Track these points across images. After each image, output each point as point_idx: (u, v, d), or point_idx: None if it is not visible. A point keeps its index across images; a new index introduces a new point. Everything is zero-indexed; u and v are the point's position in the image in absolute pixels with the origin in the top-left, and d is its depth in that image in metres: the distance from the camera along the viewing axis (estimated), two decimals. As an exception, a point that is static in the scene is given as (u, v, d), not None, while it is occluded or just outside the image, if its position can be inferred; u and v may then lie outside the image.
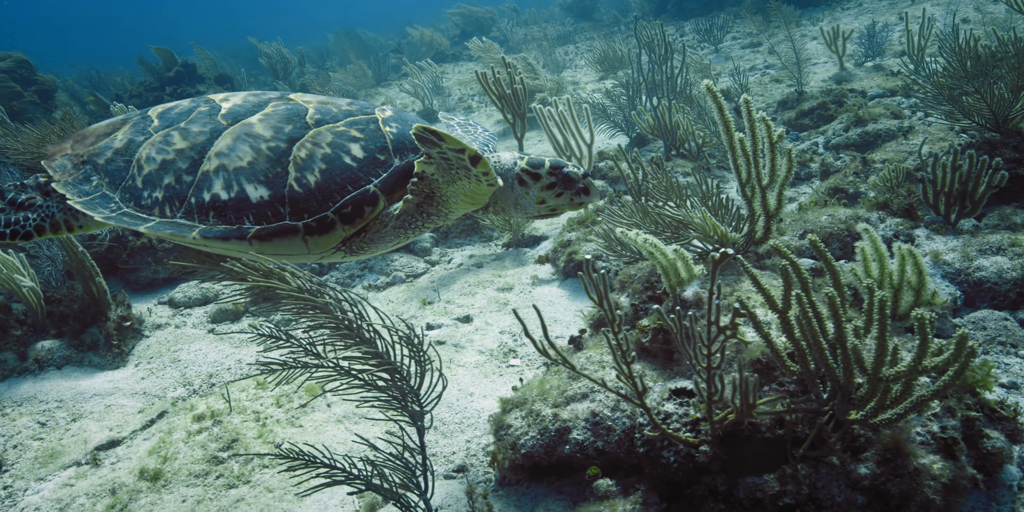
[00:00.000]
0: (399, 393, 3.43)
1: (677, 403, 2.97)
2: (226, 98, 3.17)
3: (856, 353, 2.49)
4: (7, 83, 14.81)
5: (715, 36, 15.98)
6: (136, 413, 5.11)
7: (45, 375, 5.70)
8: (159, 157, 2.95)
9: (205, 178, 2.87)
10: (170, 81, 17.15)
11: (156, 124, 3.08)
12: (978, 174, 5.06)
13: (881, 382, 2.46)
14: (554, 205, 3.16)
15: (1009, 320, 4.27)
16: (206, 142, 2.94)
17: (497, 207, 3.31)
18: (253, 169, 2.86)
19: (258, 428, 4.46)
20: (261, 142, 2.91)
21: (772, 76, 12.98)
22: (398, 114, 3.19)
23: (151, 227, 2.86)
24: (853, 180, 6.74)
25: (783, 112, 10.86)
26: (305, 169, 2.85)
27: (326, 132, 2.96)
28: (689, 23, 18.68)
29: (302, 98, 3.17)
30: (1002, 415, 3.16)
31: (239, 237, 2.83)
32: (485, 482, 3.82)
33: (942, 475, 2.62)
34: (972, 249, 4.66)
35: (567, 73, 16.96)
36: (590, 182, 3.13)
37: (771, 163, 3.72)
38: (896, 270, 3.42)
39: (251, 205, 2.84)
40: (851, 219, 5.19)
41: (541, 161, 3.13)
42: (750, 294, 3.58)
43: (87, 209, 2.92)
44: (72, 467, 4.49)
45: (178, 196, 2.89)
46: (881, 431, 2.72)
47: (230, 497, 3.91)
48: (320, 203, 2.85)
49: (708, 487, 2.80)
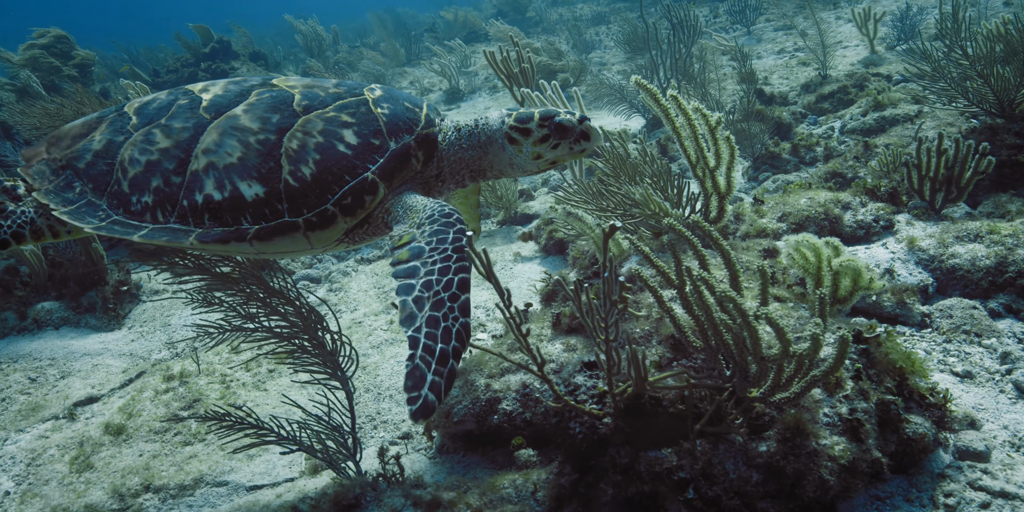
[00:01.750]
0: (323, 359, 3.51)
1: (587, 375, 2.99)
2: (205, 88, 3.00)
3: (733, 331, 2.47)
4: (46, 58, 15.27)
5: (748, 18, 15.61)
6: (120, 373, 5.31)
7: (42, 334, 5.96)
8: (143, 158, 2.79)
9: (195, 178, 2.72)
10: (205, 57, 17.49)
11: (135, 121, 2.91)
12: (963, 159, 4.90)
13: (764, 362, 2.44)
14: (553, 158, 2.98)
15: (977, 309, 4.16)
16: (191, 139, 2.78)
17: (494, 171, 3.17)
18: (244, 165, 2.72)
19: (222, 390, 4.61)
20: (249, 135, 2.76)
21: (800, 59, 12.65)
22: (388, 92, 3.06)
23: (144, 235, 2.72)
24: (853, 164, 6.58)
25: (805, 95, 10.59)
26: (299, 161, 2.71)
27: (316, 119, 2.81)
28: (724, 4, 18.25)
29: (286, 83, 3.01)
30: (931, 402, 3.10)
31: (238, 238, 2.71)
32: (425, 449, 3.89)
33: (842, 456, 2.60)
34: (949, 236, 4.53)
35: (595, 54, 16.79)
36: (589, 126, 2.94)
37: (715, 146, 3.69)
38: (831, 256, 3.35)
39: (247, 204, 2.70)
40: (830, 203, 5.08)
41: (529, 114, 2.96)
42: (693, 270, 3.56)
43: (74, 220, 2.77)
44: (50, 420, 4.71)
45: (169, 199, 2.74)
46: (786, 410, 2.70)
47: (184, 453, 4.06)
48: (318, 196, 2.72)
49: (611, 459, 2.82)
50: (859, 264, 3.19)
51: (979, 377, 3.73)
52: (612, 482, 2.77)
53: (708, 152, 3.80)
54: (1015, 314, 4.18)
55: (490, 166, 3.13)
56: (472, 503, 2.74)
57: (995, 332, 4.02)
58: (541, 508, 2.94)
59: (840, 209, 5.07)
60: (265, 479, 3.86)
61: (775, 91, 10.96)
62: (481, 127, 3.07)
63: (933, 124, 6.76)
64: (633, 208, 3.93)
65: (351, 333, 5.37)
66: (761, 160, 7.63)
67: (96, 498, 3.76)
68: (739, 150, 8.27)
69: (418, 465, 3.68)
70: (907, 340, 4.11)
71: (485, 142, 3.06)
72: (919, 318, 4.25)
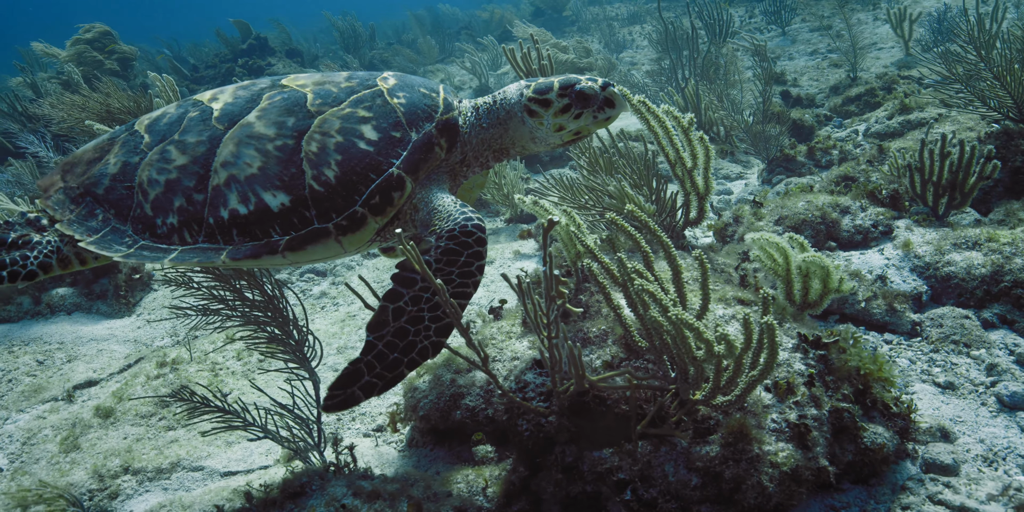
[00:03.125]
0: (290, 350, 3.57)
1: (536, 373, 2.98)
2: (214, 97, 2.92)
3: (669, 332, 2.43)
4: (90, 53, 15.77)
5: (783, 18, 15.32)
6: (122, 358, 5.47)
7: (55, 319, 6.16)
8: (162, 178, 2.71)
9: (218, 193, 2.64)
10: (243, 53, 17.85)
11: (148, 140, 2.84)
12: (968, 163, 4.75)
13: (696, 363, 2.41)
14: (576, 128, 2.84)
15: (969, 319, 4.04)
16: (207, 153, 2.70)
17: (517, 148, 3.06)
18: (266, 174, 2.63)
19: (210, 377, 4.71)
20: (266, 142, 2.67)
21: (832, 60, 12.38)
22: (402, 80, 2.95)
23: (175, 258, 2.64)
24: (865, 168, 6.41)
25: (832, 97, 10.38)
26: (321, 164, 2.62)
27: (332, 118, 2.72)
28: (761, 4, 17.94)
29: (296, 82, 2.91)
30: (895, 412, 3.02)
31: (270, 251, 2.63)
32: (396, 442, 3.93)
33: (784, 463, 2.55)
34: (947, 243, 4.40)
35: (627, 53, 16.67)
36: (613, 92, 2.79)
37: (690, 147, 3.64)
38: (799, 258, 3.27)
39: (274, 214, 2.62)
40: (829, 206, 4.98)
41: (549, 84, 2.82)
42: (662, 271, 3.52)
43: (102, 249, 2.70)
44: (50, 402, 4.87)
45: (194, 218, 2.66)
46: (732, 414, 2.66)
47: (166, 438, 4.16)
48: (345, 198, 2.63)
49: (557, 457, 2.81)
50: (827, 262, 3.11)
51: (962, 389, 3.62)
52: (554, 480, 2.76)
53: (684, 153, 3.74)
54: (1009, 325, 4.05)
55: (512, 143, 3.04)
56: (415, 496, 2.76)
57: (985, 343, 3.89)
58: (490, 504, 2.94)
59: (838, 213, 4.96)
60: (240, 466, 3.94)
61: (802, 93, 10.76)
62: (500, 103, 2.97)
63: (952, 128, 6.55)
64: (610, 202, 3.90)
65: (343, 326, 5.44)
66: (776, 163, 7.50)
67: (77, 478, 3.88)
68: (754, 152, 8.16)
69: (386, 457, 3.72)
70: (893, 348, 4.01)
71: (505, 118, 2.96)
72: (909, 326, 4.14)
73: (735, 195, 7.39)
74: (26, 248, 2.89)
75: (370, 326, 2.56)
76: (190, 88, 16.90)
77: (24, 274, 2.83)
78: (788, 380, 2.76)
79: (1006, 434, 3.28)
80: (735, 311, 3.09)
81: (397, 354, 2.50)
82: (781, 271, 3.25)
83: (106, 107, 8.30)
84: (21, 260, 2.84)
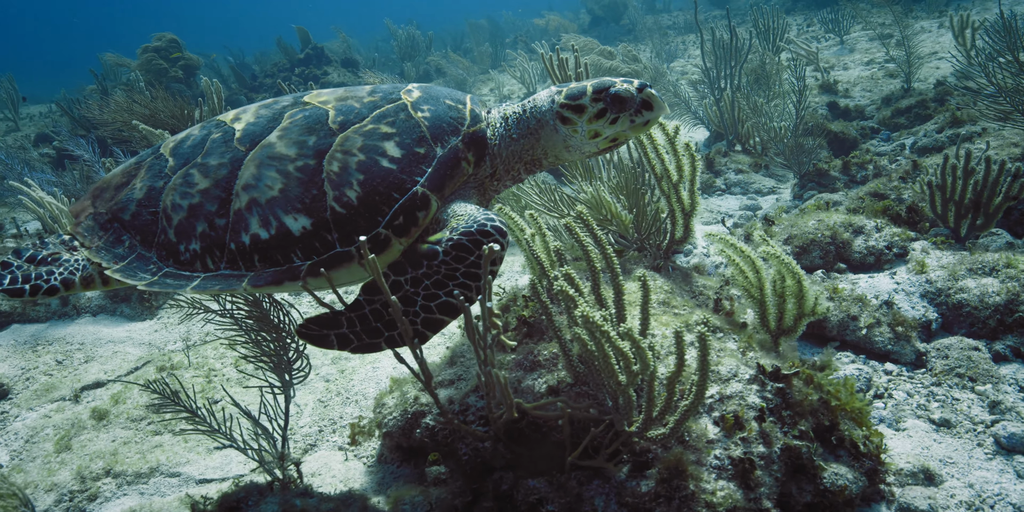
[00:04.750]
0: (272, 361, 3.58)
1: (479, 396, 2.90)
2: (237, 117, 2.88)
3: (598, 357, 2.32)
4: (156, 61, 16.46)
5: (842, 27, 14.79)
6: (134, 361, 5.62)
7: (80, 320, 6.39)
8: (185, 203, 2.68)
9: (239, 218, 2.59)
10: (300, 63, 18.32)
11: (172, 164, 2.82)
12: (995, 182, 4.44)
13: (621, 389, 2.29)
14: (613, 134, 2.71)
15: (979, 351, 3.76)
16: (229, 175, 2.65)
17: (550, 158, 2.94)
18: (286, 197, 2.56)
19: (204, 383, 4.79)
20: (287, 163, 2.61)
21: (888, 71, 11.87)
22: (427, 92, 2.86)
23: (197, 287, 2.59)
24: (897, 185, 6.09)
25: (883, 109, 9.93)
26: (343, 185, 2.55)
27: (354, 135, 2.64)
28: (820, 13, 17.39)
29: (318, 99, 2.85)
30: (863, 451, 2.81)
31: (291, 277, 2.55)
32: (367, 457, 3.90)
33: (721, 504, 2.39)
34: (962, 268, 4.12)
35: (678, 63, 16.38)
36: (650, 94, 2.65)
37: (676, 159, 3.48)
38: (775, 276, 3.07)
39: (295, 239, 2.55)
40: (841, 226, 4.73)
41: (582, 88, 2.69)
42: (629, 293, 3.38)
43: (127, 277, 2.68)
44: (58, 401, 5.04)
45: (216, 244, 2.62)
46: (673, 448, 2.52)
47: (151, 442, 4.24)
48: (368, 220, 2.54)
49: (493, 484, 2.72)
50: (796, 269, 2.89)
51: (959, 427, 3.36)
52: (484, 509, 2.67)
53: (671, 165, 3.59)
54: (1023, 359, 3.74)
55: (544, 153, 2.90)
56: (347, 517, 2.71)
57: (993, 377, 3.61)
58: (428, 529, 2.87)
59: (851, 233, 4.71)
60: (216, 473, 3.97)
61: (851, 104, 10.33)
62: (530, 111, 2.84)
63: (996, 143, 6.16)
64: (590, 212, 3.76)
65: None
66: (808, 177, 7.20)
67: (62, 478, 3.99)
68: (787, 166, 7.85)
69: (351, 473, 3.69)
70: (892, 380, 3.77)
71: (536, 127, 2.84)
72: (913, 356, 3.89)
73: (763, 211, 7.13)
74: (53, 265, 2.95)
75: (365, 287, 2.50)
76: (248, 96, 17.45)
77: (45, 289, 2.86)
78: (737, 413, 2.60)
79: (999, 479, 3.02)
80: (693, 338, 2.94)
81: (380, 324, 2.41)
82: (755, 291, 3.08)
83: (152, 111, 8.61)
84: (46, 275, 2.88)
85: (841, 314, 4.03)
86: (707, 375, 2.26)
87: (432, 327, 2.47)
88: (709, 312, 3.27)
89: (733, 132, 8.83)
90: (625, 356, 2.23)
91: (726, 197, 7.86)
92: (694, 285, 3.55)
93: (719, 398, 2.69)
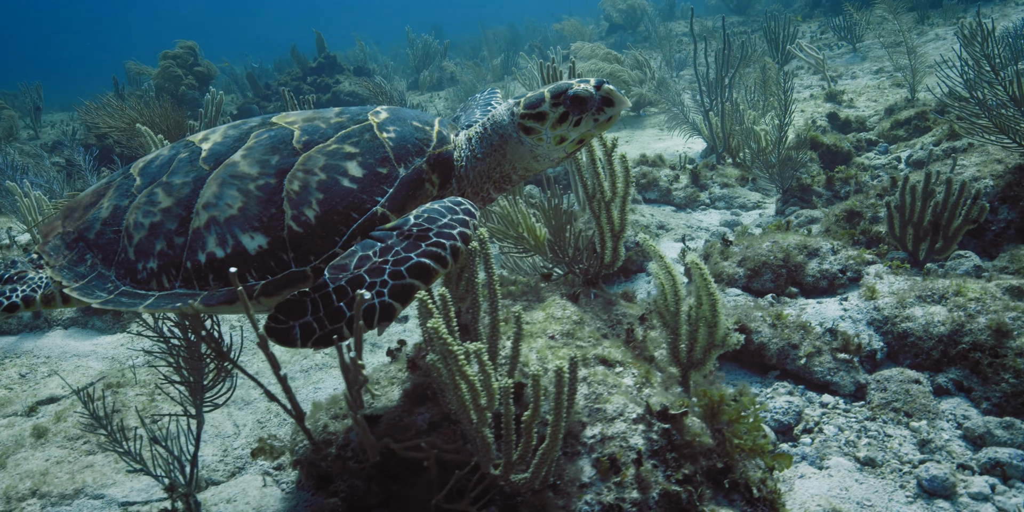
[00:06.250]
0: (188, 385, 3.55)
1: (356, 433, 2.81)
2: (205, 137, 2.87)
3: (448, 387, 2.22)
4: (173, 68, 16.73)
5: (854, 34, 14.47)
6: (93, 376, 5.64)
7: (50, 333, 6.45)
8: (147, 221, 2.66)
9: (197, 236, 2.55)
10: (312, 71, 18.47)
11: (139, 183, 2.81)
12: (955, 204, 4.24)
13: (477, 430, 2.19)
14: (579, 136, 2.67)
15: (920, 384, 3.58)
16: (191, 194, 2.63)
17: (519, 172, 2.88)
18: (245, 216, 2.53)
19: (146, 402, 4.77)
20: (249, 182, 2.58)
21: (896, 80, 11.58)
22: (394, 113, 2.86)
23: (150, 305, 2.56)
24: (874, 203, 5.88)
25: (885, 120, 9.65)
26: (301, 204, 2.52)
27: (317, 155, 2.62)
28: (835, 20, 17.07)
29: (285, 119, 2.84)
30: (758, 496, 2.67)
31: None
32: (288, 483, 3.84)
33: (584, 553, 2.28)
34: (912, 294, 3.93)
35: (687, 71, 16.17)
36: (608, 90, 2.61)
37: (611, 173, 3.30)
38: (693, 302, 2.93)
39: (251, 258, 2.50)
40: (795, 248, 4.57)
41: (539, 95, 2.65)
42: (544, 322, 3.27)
43: (83, 296, 2.67)
44: (10, 416, 5.07)
45: (173, 263, 2.58)
46: (544, 493, 2.41)
47: (83, 462, 4.23)
48: (325, 240, 2.52)
49: (368, 523, 2.64)
50: (713, 290, 2.73)
51: (885, 466, 3.20)
52: (352, 549, 2.59)
53: (605, 181, 3.39)
54: (966, 393, 3.56)
55: (513, 168, 2.86)
56: (218, 554, 2.64)
57: (930, 413, 3.44)
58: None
59: (805, 256, 4.54)
60: (140, 496, 3.94)
61: (852, 115, 10.07)
62: (491, 129, 2.81)
63: (979, 159, 5.91)
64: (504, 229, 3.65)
65: (297, 352, 5.42)
66: (791, 193, 7.01)
67: (-11, 498, 4.00)
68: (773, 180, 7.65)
69: (265, 500, 3.64)
70: (826, 413, 3.60)
71: (499, 143, 2.79)
72: (853, 388, 3.73)
73: (740, 227, 6.94)
74: (19, 283, 3.01)
75: (333, 266, 2.39)
76: (260, 105, 17.63)
77: (5, 306, 2.92)
78: (613, 456, 2.48)
79: (915, 526, 2.86)
80: (586, 373, 2.82)
81: (343, 303, 2.28)
82: (669, 318, 2.93)
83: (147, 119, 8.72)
84: (8, 293, 2.94)
85: (782, 342, 3.87)
86: (561, 415, 2.16)
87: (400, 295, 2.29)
88: (619, 343, 3.15)
89: (723, 144, 8.65)
90: (473, 389, 2.14)
91: (710, 212, 7.69)
92: (613, 313, 3.43)
93: (600, 439, 2.57)
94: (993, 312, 3.58)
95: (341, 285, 2.31)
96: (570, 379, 2.21)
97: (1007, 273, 4.36)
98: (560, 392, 2.13)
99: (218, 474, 4.14)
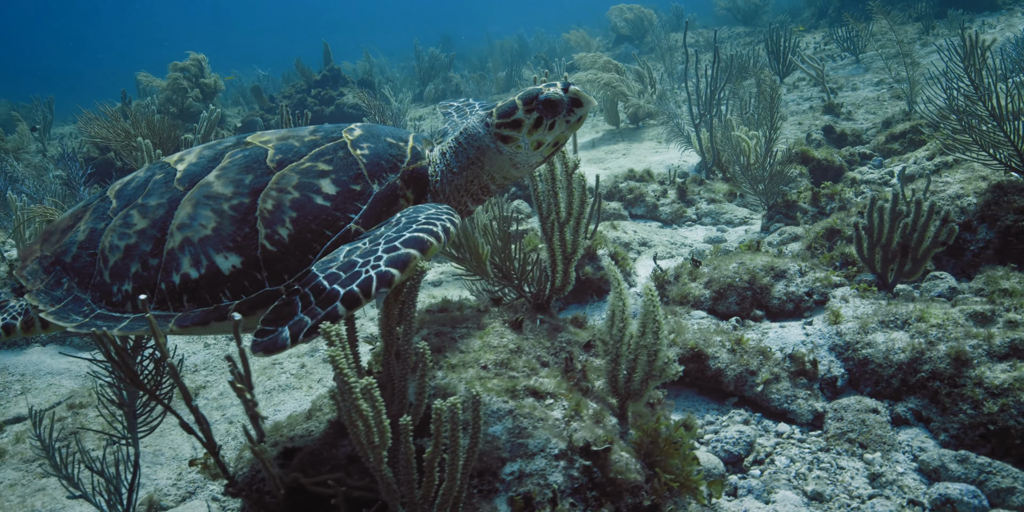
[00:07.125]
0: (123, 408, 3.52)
1: (280, 462, 2.75)
2: (181, 158, 2.88)
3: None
4: (180, 81, 16.88)
5: (857, 45, 14.32)
6: (63, 395, 5.63)
7: (29, 350, 6.45)
8: (122, 243, 2.66)
9: (171, 257, 2.55)
10: (316, 84, 18.57)
11: (115, 205, 2.82)
12: (924, 225, 4.13)
13: (374, 467, 2.12)
14: (554, 139, 2.67)
15: (878, 413, 3.47)
16: (166, 215, 2.63)
17: (497, 181, 2.87)
18: (219, 236, 2.53)
19: (104, 424, 4.74)
20: (223, 202, 2.58)
21: (896, 92, 11.41)
22: (368, 130, 2.87)
23: (124, 327, 2.54)
24: (855, 220, 5.76)
25: (881, 133, 9.51)
26: (275, 222, 2.52)
27: (290, 173, 2.62)
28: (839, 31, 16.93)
29: (259, 139, 2.86)
30: (686, 535, 2.58)
31: (218, 317, 2.50)
32: (233, 510, 3.78)
33: (489, 598, 2.20)
34: (875, 319, 3.82)
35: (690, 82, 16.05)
36: (576, 91, 2.61)
37: (568, 193, 3.21)
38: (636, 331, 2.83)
39: (224, 278, 2.50)
40: (762, 270, 4.46)
41: (512, 104, 2.63)
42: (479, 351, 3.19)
43: (59, 320, 2.65)
44: (-24, 436, 5.06)
45: (147, 284, 2.57)
46: (453, 533, 2.33)
47: (35, 486, 4.20)
48: (299, 258, 2.50)
49: (282, 558, 2.57)
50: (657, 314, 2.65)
51: (833, 501, 3.09)
52: (263, 587, 2.52)
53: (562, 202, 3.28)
54: (925, 423, 3.44)
55: (491, 178, 2.84)
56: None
57: (886, 444, 3.32)
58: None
59: (772, 278, 4.44)
60: (89, 521, 3.90)
61: (848, 128, 9.95)
62: (465, 142, 2.78)
63: (963, 176, 5.78)
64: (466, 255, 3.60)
65: (263, 373, 5.38)
66: (776, 209, 6.89)
67: (-62, 522, 3.97)
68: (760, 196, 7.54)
69: (208, 528, 3.58)
70: (780, 443, 3.50)
71: (477, 156, 2.77)
72: (810, 416, 3.62)
73: (728, 244, 6.84)
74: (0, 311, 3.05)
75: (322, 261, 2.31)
76: (264, 118, 17.74)
77: None
78: (528, 494, 2.40)
79: (857, 566, 2.74)
80: (513, 405, 2.74)
81: (336, 286, 2.15)
82: (612, 343, 2.83)
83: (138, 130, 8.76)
84: None
85: (740, 368, 3.77)
86: (458, 453, 2.08)
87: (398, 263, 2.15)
88: (556, 372, 3.07)
89: (714, 159, 8.56)
90: (367, 426, 2.07)
91: (695, 228, 7.58)
92: (557, 340, 3.34)
93: (518, 476, 2.49)
94: (953, 339, 3.46)
95: (333, 272, 2.20)
96: (474, 416, 2.14)
97: (982, 295, 4.23)
98: (454, 428, 2.06)
99: (169, 498, 4.09)
